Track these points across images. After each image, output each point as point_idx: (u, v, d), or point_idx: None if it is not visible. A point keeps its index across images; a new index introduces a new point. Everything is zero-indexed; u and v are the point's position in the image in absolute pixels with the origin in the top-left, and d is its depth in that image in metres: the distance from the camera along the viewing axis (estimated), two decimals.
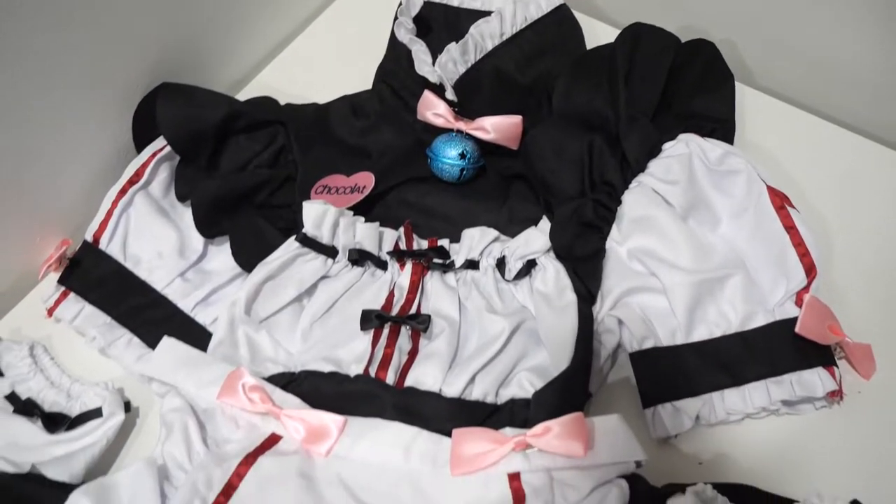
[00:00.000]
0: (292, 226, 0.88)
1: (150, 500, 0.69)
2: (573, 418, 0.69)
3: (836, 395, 0.77)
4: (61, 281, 0.87)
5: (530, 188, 0.91)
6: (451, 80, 0.93)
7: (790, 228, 0.81)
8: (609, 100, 0.88)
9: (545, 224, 0.86)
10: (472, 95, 0.94)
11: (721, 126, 0.90)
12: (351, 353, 0.79)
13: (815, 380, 0.76)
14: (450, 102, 0.93)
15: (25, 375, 0.82)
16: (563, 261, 0.83)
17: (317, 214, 0.84)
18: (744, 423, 0.78)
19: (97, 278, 0.87)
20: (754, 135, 0.98)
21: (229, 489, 0.70)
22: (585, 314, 0.79)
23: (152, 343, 0.82)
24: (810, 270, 0.79)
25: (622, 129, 0.86)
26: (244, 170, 0.93)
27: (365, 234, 0.85)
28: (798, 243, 0.80)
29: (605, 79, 0.89)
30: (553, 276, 0.82)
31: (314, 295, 0.84)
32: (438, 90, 0.93)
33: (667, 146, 0.86)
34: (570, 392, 0.75)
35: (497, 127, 0.90)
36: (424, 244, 0.87)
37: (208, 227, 0.87)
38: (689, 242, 0.81)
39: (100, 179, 0.91)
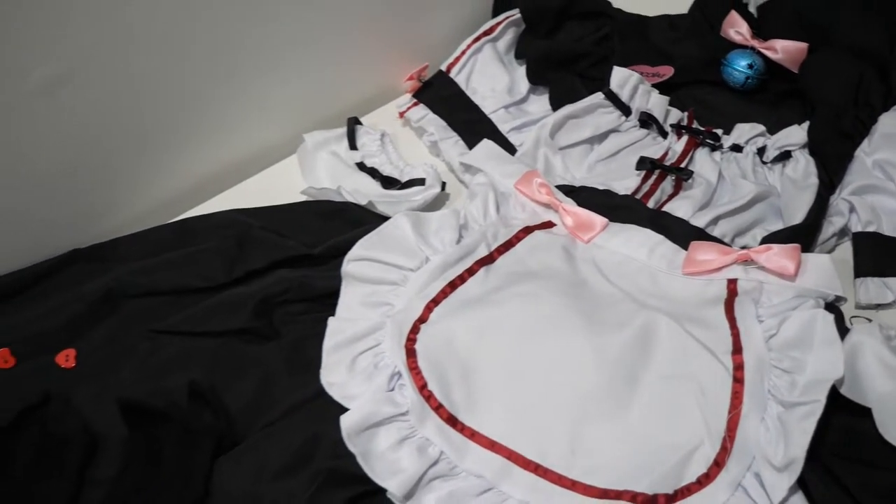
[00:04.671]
0: None
1: (451, 232, 0.89)
2: (791, 245, 0.84)
3: None
4: (415, 95, 1.11)
5: (801, 105, 1.05)
6: (756, 3, 1.11)
7: None
8: (886, 39, 1.02)
9: (807, 126, 1.00)
10: (770, 19, 1.11)
11: None
12: (622, 186, 0.97)
13: None
14: (749, 23, 1.10)
15: (374, 152, 1.06)
16: (814, 156, 0.97)
17: (622, 77, 1.04)
18: None
19: (442, 96, 1.10)
20: None
21: (508, 245, 0.89)
22: (822, 195, 0.93)
23: (472, 147, 1.02)
24: None
25: (893, 64, 1.00)
26: None
27: (656, 103, 1.04)
28: None
29: (886, 20, 1.03)
30: (803, 166, 0.97)
31: (603, 142, 1.03)
32: (742, 12, 1.11)
33: None
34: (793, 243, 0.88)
35: (786, 49, 1.06)
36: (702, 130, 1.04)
37: (536, 75, 1.09)
38: None
39: (459, 29, 1.16)
